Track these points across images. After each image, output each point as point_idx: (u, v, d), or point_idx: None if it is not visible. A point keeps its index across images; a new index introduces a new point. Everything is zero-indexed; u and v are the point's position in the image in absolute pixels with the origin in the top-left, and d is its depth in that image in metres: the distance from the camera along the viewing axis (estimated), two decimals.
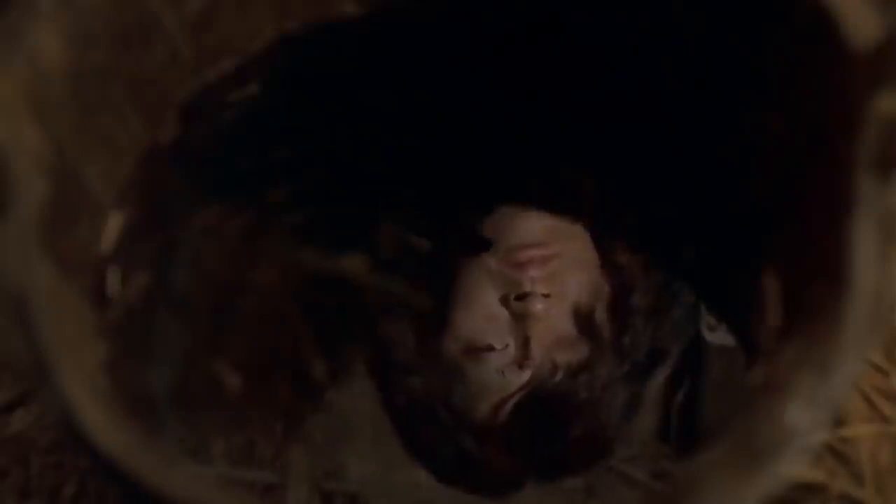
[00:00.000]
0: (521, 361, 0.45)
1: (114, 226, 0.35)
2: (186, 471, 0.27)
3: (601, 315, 0.47)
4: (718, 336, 0.48)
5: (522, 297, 0.45)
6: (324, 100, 0.42)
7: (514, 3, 0.40)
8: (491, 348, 0.46)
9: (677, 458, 0.48)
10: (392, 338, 0.48)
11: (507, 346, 0.46)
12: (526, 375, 0.45)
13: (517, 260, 0.46)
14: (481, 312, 0.46)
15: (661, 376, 0.49)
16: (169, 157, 0.38)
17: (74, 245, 0.33)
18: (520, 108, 0.44)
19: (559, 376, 0.46)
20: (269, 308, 0.47)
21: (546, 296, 0.46)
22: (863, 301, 0.28)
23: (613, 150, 0.45)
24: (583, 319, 0.46)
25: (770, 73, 0.35)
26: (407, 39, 0.40)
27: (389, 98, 0.43)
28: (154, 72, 0.36)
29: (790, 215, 0.35)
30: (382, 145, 0.45)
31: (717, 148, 0.40)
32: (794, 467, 0.27)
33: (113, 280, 0.35)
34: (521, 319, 0.46)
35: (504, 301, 0.46)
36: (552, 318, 0.46)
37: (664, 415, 0.49)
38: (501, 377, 0.45)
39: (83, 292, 0.33)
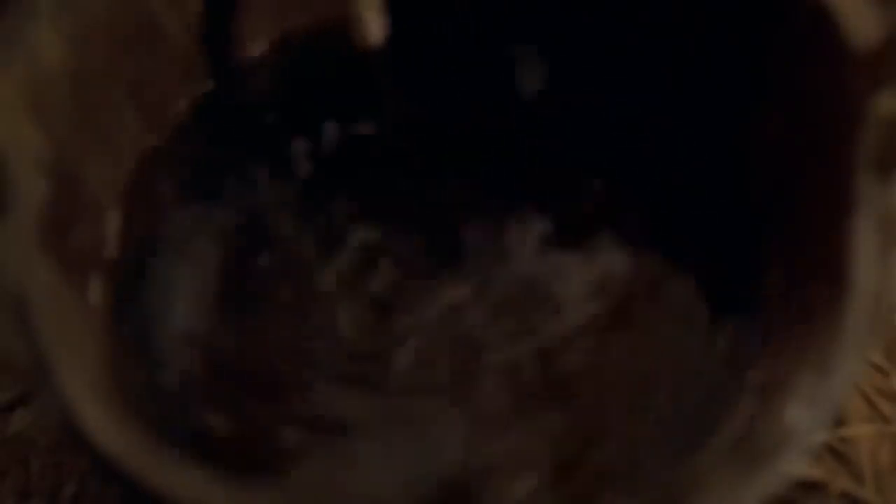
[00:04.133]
0: None
1: (114, 226, 0.35)
2: (186, 471, 0.27)
3: None
4: None
5: None
6: (324, 100, 0.42)
7: (514, 4, 0.40)
8: None
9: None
10: None
11: None
12: None
13: None
14: None
15: None
16: (169, 157, 0.38)
17: (74, 245, 0.33)
18: (520, 109, 0.44)
19: None
20: None
21: None
22: (863, 301, 0.28)
23: (613, 151, 0.45)
24: None
25: (770, 73, 0.35)
26: (408, 39, 0.40)
27: (390, 98, 0.43)
28: (154, 72, 0.36)
29: (790, 215, 0.35)
30: (384, 145, 0.45)
31: (717, 148, 0.40)
32: (794, 467, 0.27)
33: (113, 280, 0.35)
34: None
35: None
36: None
37: None
38: None
39: (83, 292, 0.33)
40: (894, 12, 0.30)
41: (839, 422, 0.41)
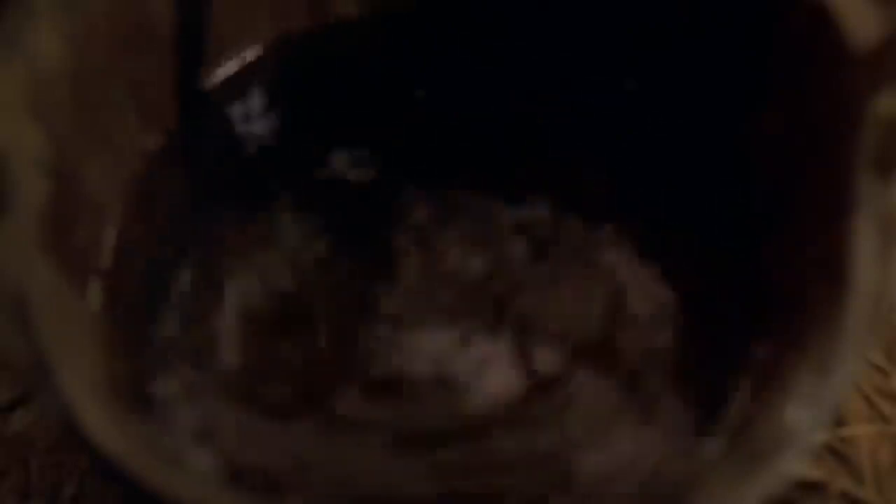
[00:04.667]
0: None
1: (114, 226, 0.35)
2: (186, 471, 0.27)
3: None
4: None
5: None
6: (324, 100, 0.42)
7: (513, 6, 0.40)
8: None
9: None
10: None
11: None
12: None
13: None
14: None
15: None
16: (169, 157, 0.38)
17: (74, 245, 0.33)
18: (522, 109, 0.44)
19: None
20: None
21: None
22: (863, 301, 0.28)
23: (612, 151, 0.45)
24: None
25: (770, 73, 0.35)
26: (409, 39, 0.40)
27: (392, 98, 0.43)
28: (154, 72, 0.36)
29: (790, 215, 0.35)
30: (386, 145, 0.45)
31: (716, 148, 0.40)
32: (794, 467, 0.27)
33: (113, 281, 0.35)
34: None
35: None
36: None
37: None
38: None
39: (83, 292, 0.33)
40: (894, 12, 0.30)
41: (839, 422, 0.41)
